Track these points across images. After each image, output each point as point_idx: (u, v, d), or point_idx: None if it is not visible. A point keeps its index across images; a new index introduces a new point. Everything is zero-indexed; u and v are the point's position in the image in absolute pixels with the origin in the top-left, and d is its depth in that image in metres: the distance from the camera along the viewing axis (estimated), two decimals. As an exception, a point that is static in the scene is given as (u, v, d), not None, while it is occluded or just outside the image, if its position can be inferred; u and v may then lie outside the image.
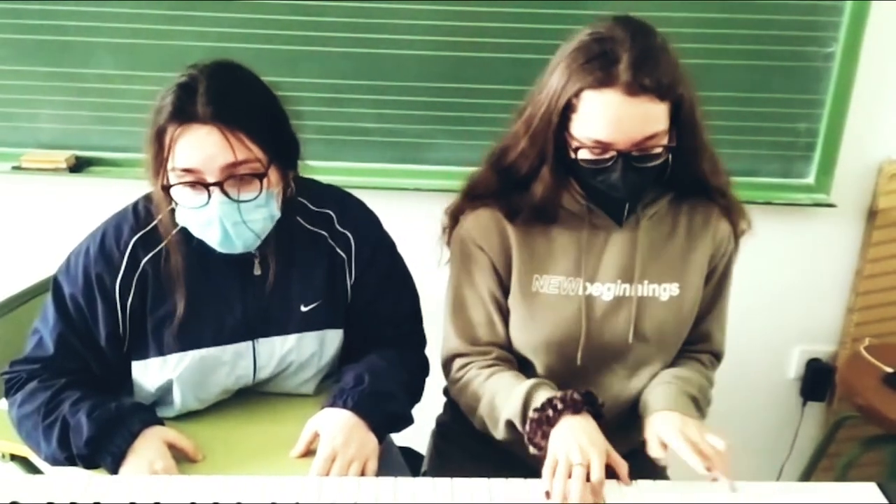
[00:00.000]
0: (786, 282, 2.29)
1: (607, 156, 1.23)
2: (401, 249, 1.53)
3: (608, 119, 1.20)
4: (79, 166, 2.17)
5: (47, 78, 2.11)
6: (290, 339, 1.41)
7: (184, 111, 1.20)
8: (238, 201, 1.24)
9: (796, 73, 2.05)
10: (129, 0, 2.01)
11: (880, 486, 1.19)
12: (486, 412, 1.34)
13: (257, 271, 1.37)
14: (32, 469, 1.59)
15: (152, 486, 1.16)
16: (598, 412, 1.24)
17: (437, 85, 2.08)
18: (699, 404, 1.32)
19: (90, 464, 1.26)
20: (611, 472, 1.17)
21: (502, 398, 1.30)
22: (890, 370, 2.02)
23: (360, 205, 1.50)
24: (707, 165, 1.34)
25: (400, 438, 1.66)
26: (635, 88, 1.17)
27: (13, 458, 1.58)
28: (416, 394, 1.47)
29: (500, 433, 1.32)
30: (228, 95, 1.23)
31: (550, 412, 1.21)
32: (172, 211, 1.30)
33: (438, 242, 1.47)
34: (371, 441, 1.29)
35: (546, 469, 1.15)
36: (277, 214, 1.32)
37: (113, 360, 1.36)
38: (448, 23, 2.02)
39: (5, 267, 2.23)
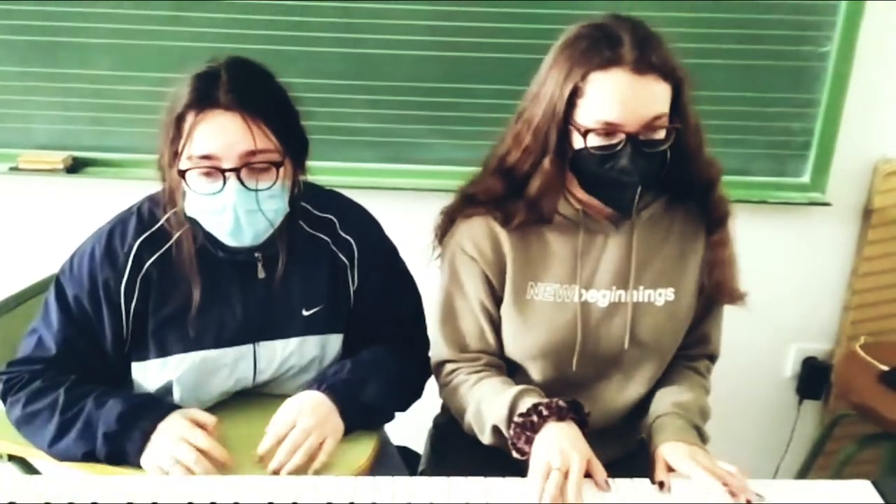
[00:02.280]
0: (782, 281, 2.29)
1: (615, 140, 1.23)
2: (396, 250, 1.54)
3: (617, 98, 1.20)
4: (75, 167, 2.17)
5: (44, 79, 2.11)
6: (292, 343, 1.41)
7: (206, 98, 1.22)
8: (256, 190, 1.25)
9: (791, 73, 2.06)
10: (125, 0, 2.01)
11: (875, 484, 1.20)
12: (473, 417, 1.34)
13: (261, 274, 1.38)
14: (30, 470, 1.59)
15: (150, 486, 1.16)
16: (583, 420, 1.25)
17: (429, 85, 2.09)
18: (702, 432, 1.32)
19: (113, 445, 1.25)
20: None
21: (488, 403, 1.30)
22: (886, 368, 2.03)
23: (362, 210, 1.50)
24: (702, 165, 1.34)
25: (397, 438, 1.67)
26: (642, 66, 1.19)
27: (11, 458, 1.58)
28: (408, 391, 1.47)
29: (486, 438, 1.33)
30: (250, 85, 1.26)
31: (535, 418, 1.22)
32: (177, 211, 1.30)
33: (430, 241, 1.47)
34: (335, 422, 1.30)
35: (531, 473, 1.17)
36: (287, 209, 1.33)
37: (116, 360, 1.36)
38: (441, 23, 2.03)
39: (2, 268, 2.23)
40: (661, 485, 1.19)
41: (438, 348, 1.43)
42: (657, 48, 1.22)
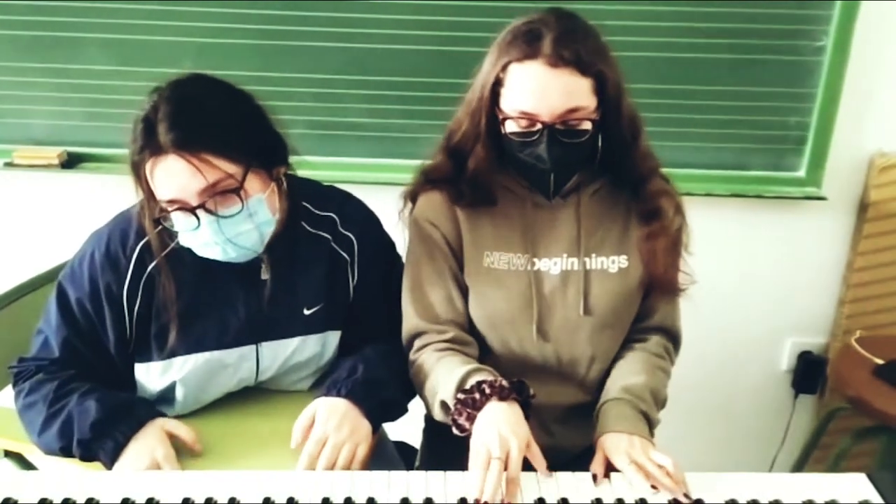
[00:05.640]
0: (777, 275, 2.30)
1: (534, 128, 1.28)
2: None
3: (531, 89, 1.26)
4: (70, 162, 2.17)
5: (39, 74, 2.10)
6: (293, 343, 1.42)
7: (149, 143, 1.20)
8: (220, 217, 1.23)
9: (787, 67, 2.06)
10: (121, -4, 2.01)
11: (870, 477, 1.20)
12: (429, 392, 1.36)
13: (264, 276, 1.37)
14: (27, 465, 1.59)
15: (146, 482, 1.16)
16: (527, 402, 1.26)
17: (427, 80, 2.09)
18: (649, 418, 1.34)
19: (87, 451, 1.27)
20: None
21: (441, 379, 1.32)
22: (881, 362, 2.03)
23: (361, 205, 1.51)
24: (637, 157, 1.37)
25: (394, 433, 1.67)
26: (556, 60, 1.24)
27: (7, 454, 1.58)
28: (410, 386, 1.47)
29: (436, 413, 1.34)
30: (186, 118, 1.21)
31: (477, 395, 1.23)
32: (160, 226, 1.29)
33: (397, 226, 1.49)
34: (364, 426, 1.30)
35: (471, 462, 1.17)
36: (272, 217, 1.31)
37: (120, 363, 1.37)
38: (439, 17, 2.02)
39: (-2, 263, 2.23)
40: (595, 477, 1.21)
41: (409, 320, 1.44)
42: (577, 41, 1.25)
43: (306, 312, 1.42)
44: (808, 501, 1.15)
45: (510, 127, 1.30)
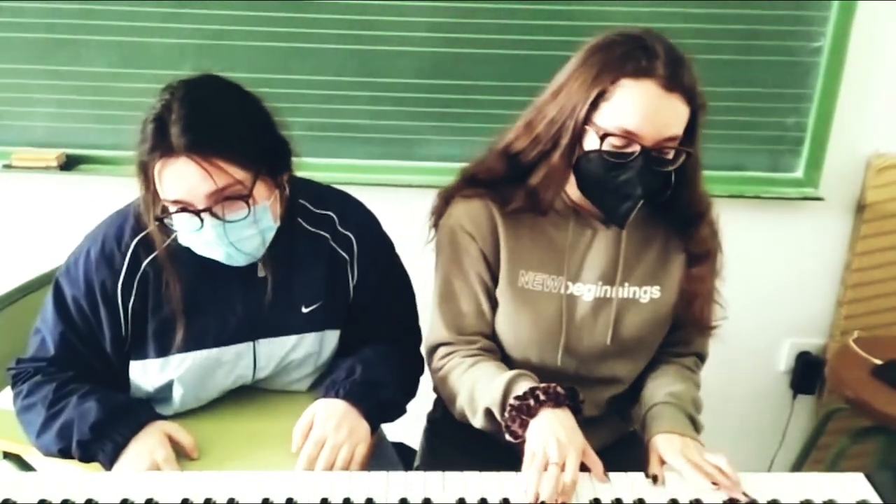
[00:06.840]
0: (775, 276, 2.30)
1: (630, 150, 1.23)
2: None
3: (642, 109, 1.21)
4: (69, 164, 2.17)
5: (38, 76, 2.11)
6: (291, 340, 1.42)
7: (160, 144, 1.19)
8: (225, 221, 1.23)
9: (784, 68, 2.06)
10: (120, -1, 2.01)
11: (868, 477, 1.21)
12: (466, 400, 1.34)
13: (261, 273, 1.37)
14: (26, 467, 1.59)
15: (145, 483, 1.16)
16: (578, 408, 1.25)
17: (429, 81, 2.09)
18: (695, 422, 1.34)
19: (86, 452, 1.27)
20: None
21: (483, 387, 1.30)
22: (879, 362, 2.04)
23: (361, 205, 1.50)
24: (695, 195, 1.36)
25: (393, 434, 1.67)
26: (672, 84, 1.20)
27: (6, 455, 1.58)
28: (409, 387, 1.48)
29: (478, 421, 1.32)
30: (202, 122, 1.20)
31: (532, 401, 1.22)
32: (161, 224, 1.29)
33: (425, 223, 1.46)
34: (363, 427, 1.30)
35: (526, 465, 1.16)
36: (274, 224, 1.32)
37: (116, 361, 1.37)
38: (441, 19, 2.03)
39: (-3, 265, 2.23)
40: (655, 478, 1.20)
41: (435, 330, 1.42)
42: (687, 70, 1.23)
43: (304, 310, 1.42)
44: (806, 501, 1.16)
45: (607, 145, 1.24)
